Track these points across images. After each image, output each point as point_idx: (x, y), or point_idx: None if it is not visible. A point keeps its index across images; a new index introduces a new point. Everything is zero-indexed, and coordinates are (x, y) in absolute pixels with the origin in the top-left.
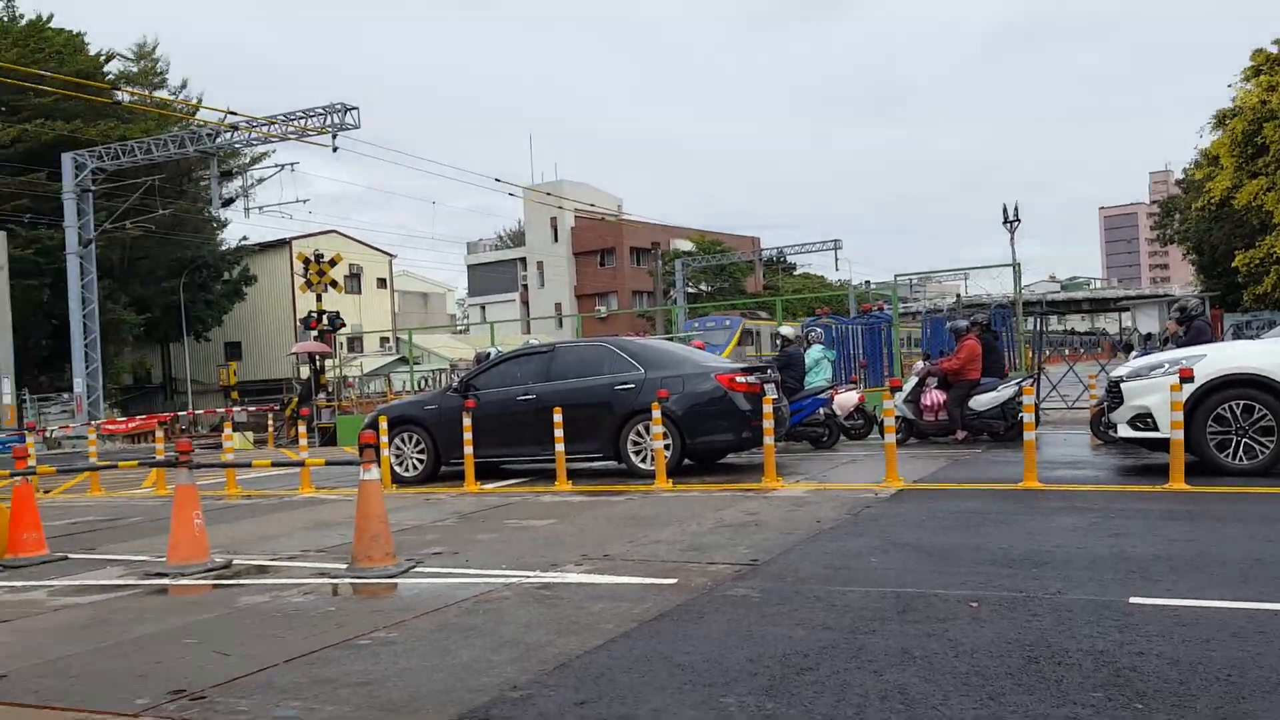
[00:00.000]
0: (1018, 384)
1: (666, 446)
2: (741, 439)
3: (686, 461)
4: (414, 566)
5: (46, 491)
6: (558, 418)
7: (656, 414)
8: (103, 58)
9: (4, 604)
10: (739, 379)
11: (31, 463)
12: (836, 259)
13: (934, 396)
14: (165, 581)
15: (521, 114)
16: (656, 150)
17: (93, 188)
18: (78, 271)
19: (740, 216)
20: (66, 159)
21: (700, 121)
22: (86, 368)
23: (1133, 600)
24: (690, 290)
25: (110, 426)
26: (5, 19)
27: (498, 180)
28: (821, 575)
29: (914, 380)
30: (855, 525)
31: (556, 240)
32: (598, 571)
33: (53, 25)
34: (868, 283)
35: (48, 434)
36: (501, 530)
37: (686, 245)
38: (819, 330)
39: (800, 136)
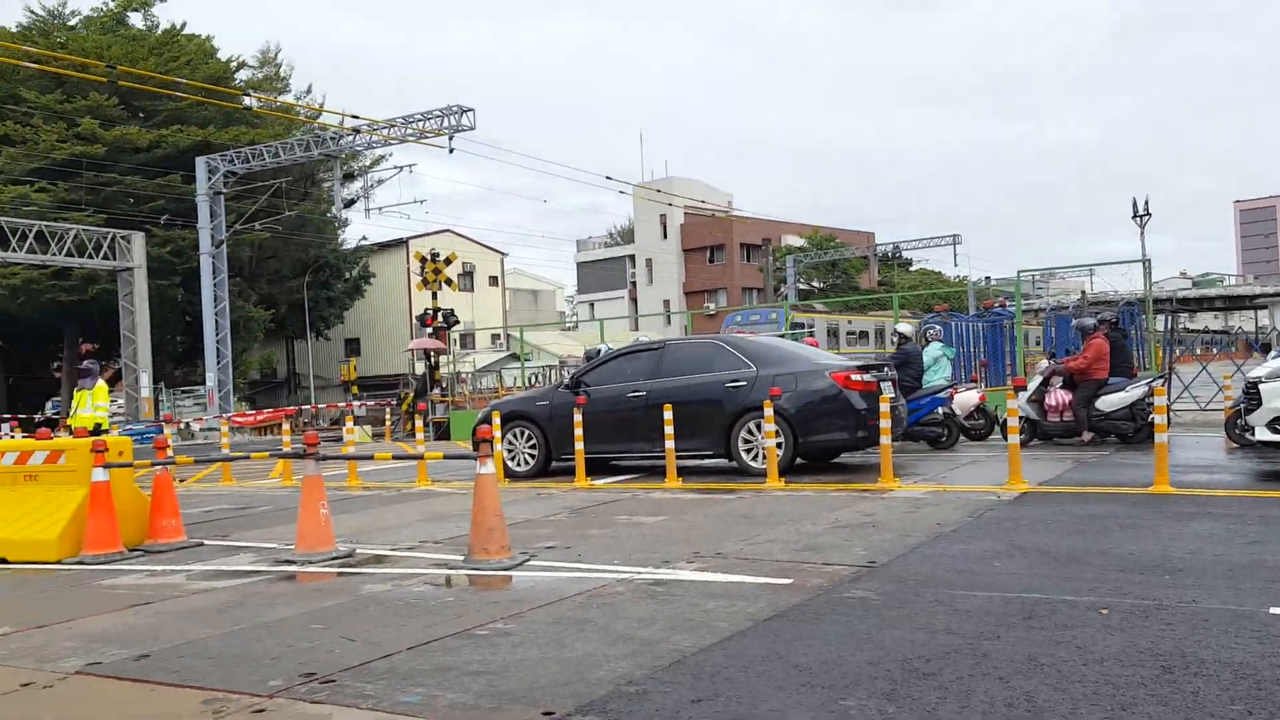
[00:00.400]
0: (1147, 384)
1: (779, 445)
2: (857, 438)
3: (799, 460)
4: (528, 560)
5: (182, 481)
6: (668, 415)
7: (769, 412)
8: (233, 64)
9: (146, 587)
10: (854, 376)
11: (169, 453)
12: (955, 254)
13: (1059, 396)
14: (293, 569)
15: (632, 111)
16: (768, 145)
17: (224, 190)
18: (210, 271)
19: (854, 211)
20: (200, 163)
21: (813, 115)
22: (218, 363)
23: (1273, 610)
24: (801, 287)
25: (239, 419)
26: (143, 29)
27: (608, 178)
28: (943, 579)
29: (1038, 379)
30: (977, 528)
31: (665, 237)
32: (711, 569)
33: (185, 33)
34: (988, 278)
35: (182, 426)
36: (613, 526)
37: (798, 241)
38: (938, 327)
39: (917, 129)
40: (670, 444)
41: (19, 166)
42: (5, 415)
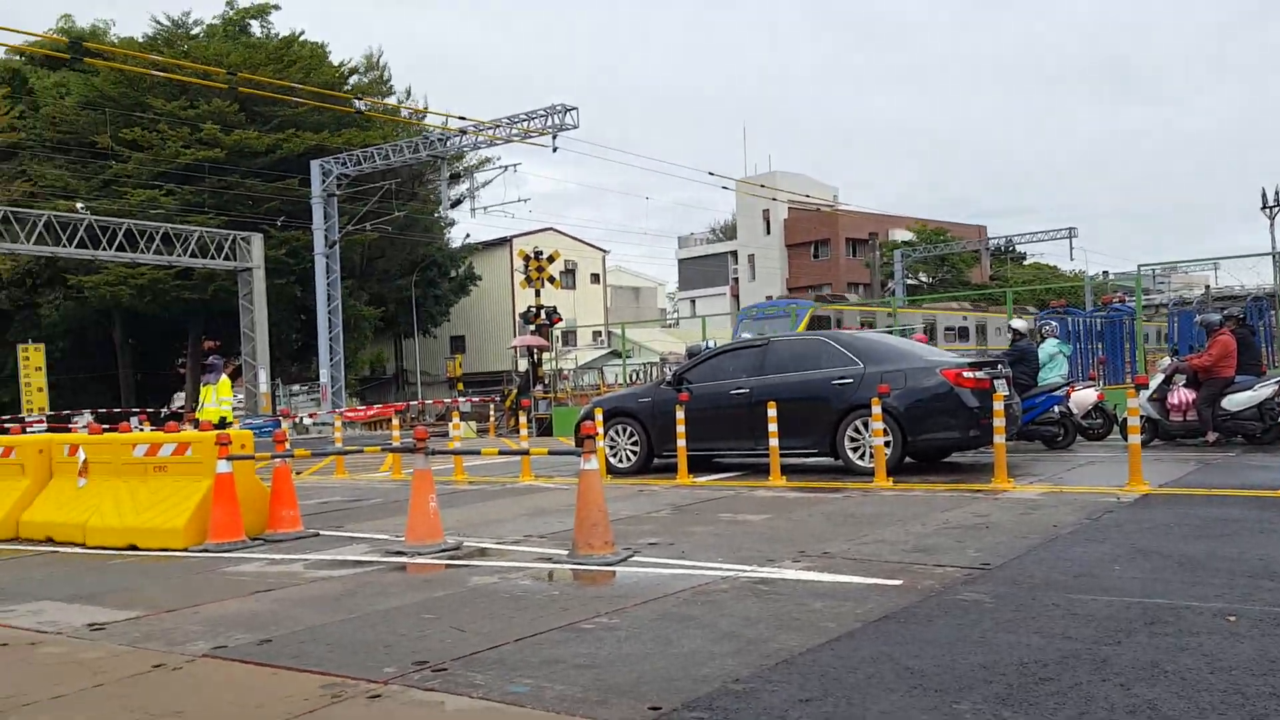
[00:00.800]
0: (1277, 383)
1: (886, 444)
2: (968, 437)
3: (907, 460)
4: (631, 556)
5: (298, 473)
6: (772, 412)
7: (876, 410)
8: (345, 69)
9: (267, 574)
10: (966, 374)
11: (288, 446)
12: (1071, 248)
13: (1182, 395)
14: (404, 560)
15: (734, 106)
16: (874, 138)
17: (337, 193)
18: (324, 270)
19: (964, 205)
20: (315, 166)
21: (920, 107)
22: (331, 360)
23: None
24: (910, 282)
25: (351, 414)
26: (261, 36)
27: (710, 174)
28: (1060, 582)
29: (1160, 377)
30: (1096, 530)
31: (769, 232)
32: (817, 569)
33: (301, 40)
34: (1106, 273)
35: (296, 420)
36: (716, 524)
37: (906, 235)
38: (1054, 323)
39: (1031, 119)
40: (774, 442)
41: (147, 171)
42: (134, 409)
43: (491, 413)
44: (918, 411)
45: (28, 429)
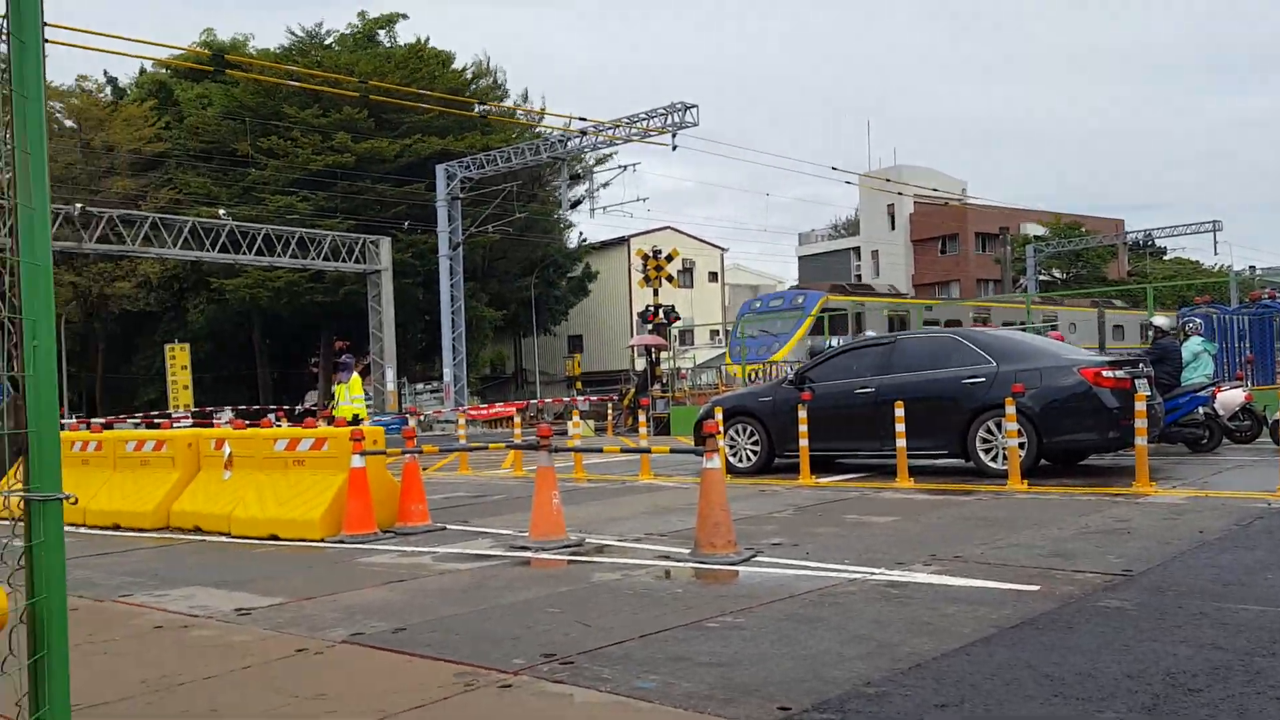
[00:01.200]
0: None
1: (1021, 445)
2: (1107, 439)
3: (1042, 462)
4: (754, 556)
5: (425, 469)
6: (899, 412)
7: (1010, 410)
8: (468, 74)
9: (398, 566)
10: (1105, 373)
11: (416, 443)
12: (1215, 242)
13: None
14: (528, 555)
15: (857, 100)
16: (1005, 130)
17: (461, 195)
18: (448, 272)
19: (1100, 197)
20: (440, 170)
21: (1053, 96)
22: (454, 359)
23: None
24: (1043, 277)
25: (473, 412)
26: (388, 45)
27: (834, 169)
28: (1208, 590)
29: None
30: (1245, 538)
31: (893, 228)
32: (949, 573)
33: (427, 48)
34: (1253, 268)
35: (421, 418)
36: (841, 525)
37: (1038, 230)
38: (1198, 321)
39: (1168, 108)
40: (901, 442)
41: (282, 178)
42: (271, 406)
43: (609, 411)
44: (1054, 412)
45: (175, 424)
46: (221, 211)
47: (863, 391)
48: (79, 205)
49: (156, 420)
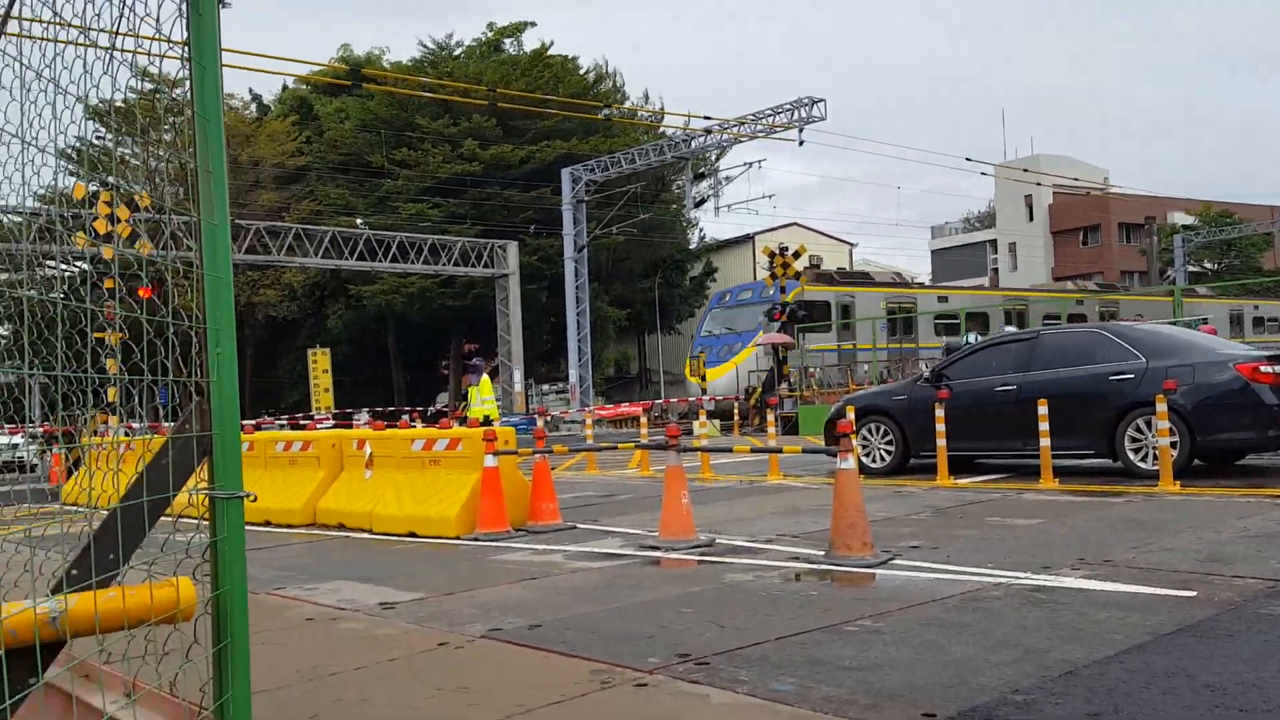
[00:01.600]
0: None
1: (1173, 444)
2: (1266, 437)
3: (1196, 462)
4: (892, 559)
5: (553, 468)
6: (1042, 410)
7: (1161, 408)
8: (590, 76)
9: (531, 564)
10: (1264, 368)
11: (546, 443)
12: None
13: None
14: (658, 554)
15: (991, 89)
16: (1151, 116)
17: (586, 199)
18: (573, 274)
19: (1252, 183)
20: (565, 174)
21: (1199, 81)
22: (579, 360)
23: None
24: (1192, 269)
25: (600, 412)
26: (515, 53)
27: (968, 159)
28: None
29: None
30: None
31: (1031, 219)
32: (1099, 578)
33: (551, 54)
34: None
35: (549, 418)
36: (982, 527)
37: (1186, 219)
38: None
39: None
40: (1045, 442)
41: (414, 186)
42: (405, 408)
43: (735, 411)
44: (1208, 409)
45: (318, 426)
46: (359, 221)
47: (1003, 389)
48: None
49: (301, 422)
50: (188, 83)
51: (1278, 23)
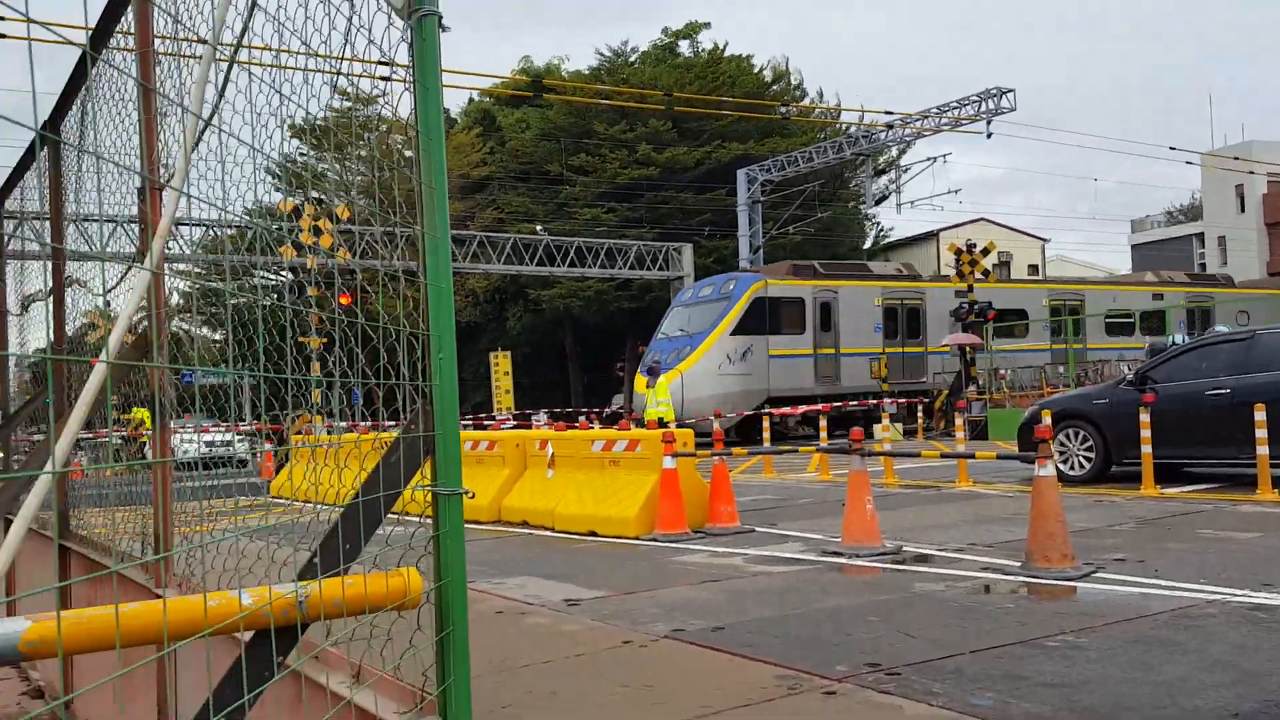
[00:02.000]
0: None
1: None
2: None
3: None
4: (1094, 571)
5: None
6: (1260, 415)
7: None
8: (765, 75)
9: (711, 566)
10: None
11: (723, 445)
12: None
13: None
14: (841, 560)
15: (1197, 74)
16: None
17: (761, 199)
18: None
19: None
20: (741, 175)
21: None
22: None
23: None
24: None
25: (776, 413)
26: (689, 55)
27: (1172, 149)
28: None
29: None
30: None
31: (1243, 210)
32: None
33: (726, 55)
34: None
35: (724, 419)
36: (1194, 540)
37: None
38: None
39: None
40: (1263, 450)
41: (590, 192)
42: (582, 409)
43: (919, 415)
44: None
45: (501, 427)
46: (538, 228)
47: (1215, 393)
48: (416, 227)
49: (485, 422)
50: (403, 101)
51: None
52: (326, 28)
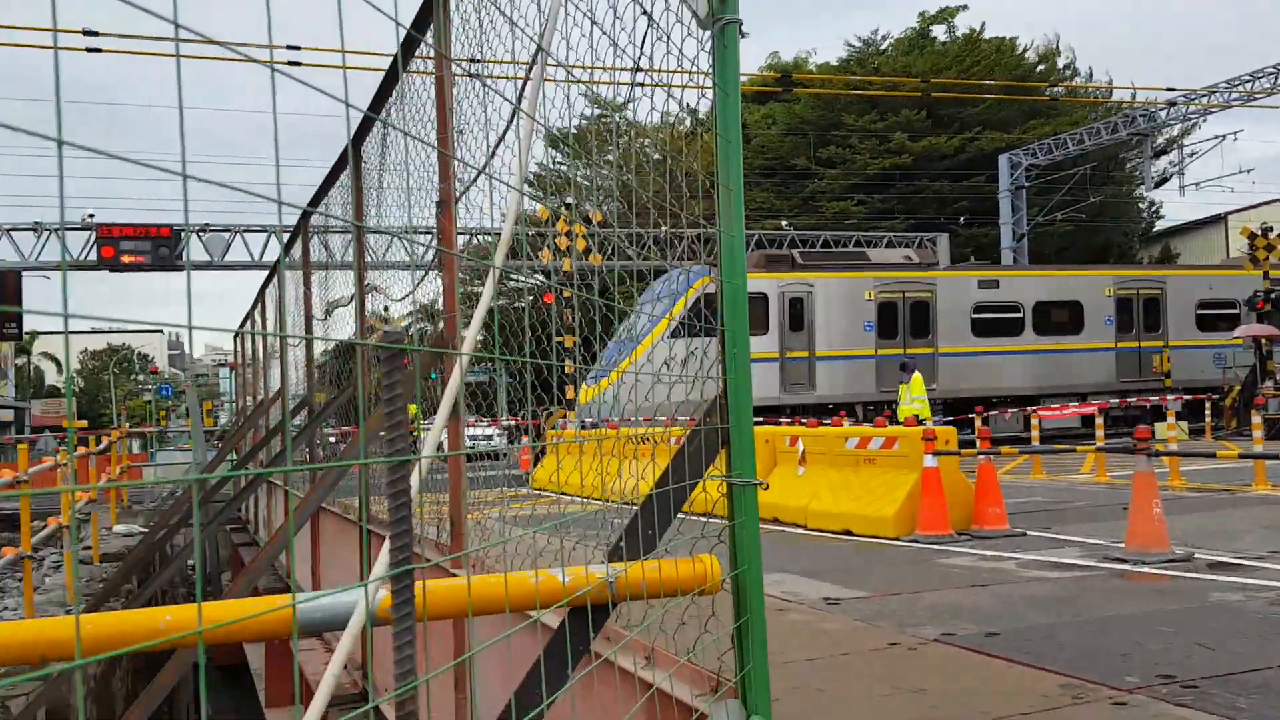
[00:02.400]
0: None
1: None
2: None
3: None
4: None
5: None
6: None
7: None
8: (1030, 56)
9: (979, 569)
10: None
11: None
12: None
13: None
14: (1125, 566)
15: None
16: None
17: (1026, 185)
18: (1011, 264)
19: None
20: (1003, 160)
21: None
22: None
23: None
24: None
25: (1043, 412)
26: (945, 40)
27: None
28: None
29: None
30: None
31: None
32: None
33: (984, 37)
34: None
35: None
36: None
37: None
38: None
39: None
40: None
41: (839, 185)
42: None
43: (1207, 412)
44: None
45: None
46: (784, 223)
47: None
48: (664, 228)
49: None
50: (702, 107)
51: None
52: (624, 40)
